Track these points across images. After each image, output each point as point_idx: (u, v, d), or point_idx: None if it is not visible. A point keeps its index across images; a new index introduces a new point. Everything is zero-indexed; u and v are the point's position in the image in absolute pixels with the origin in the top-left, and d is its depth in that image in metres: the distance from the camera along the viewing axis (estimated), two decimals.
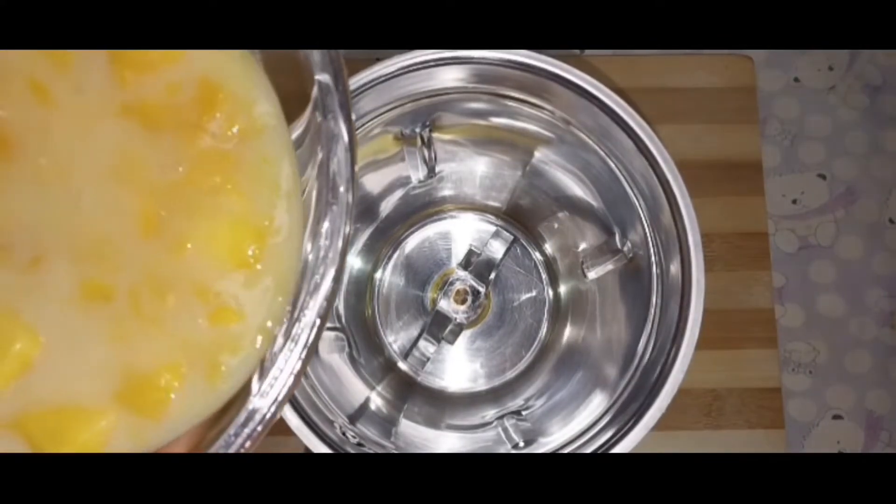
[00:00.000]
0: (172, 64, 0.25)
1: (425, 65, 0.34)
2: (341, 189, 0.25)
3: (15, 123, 0.25)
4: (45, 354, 0.24)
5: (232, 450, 0.25)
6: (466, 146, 0.42)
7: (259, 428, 0.25)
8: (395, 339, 0.45)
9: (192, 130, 0.25)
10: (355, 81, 0.34)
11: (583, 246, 0.43)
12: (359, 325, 0.44)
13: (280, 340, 0.25)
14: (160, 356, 0.24)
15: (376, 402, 0.42)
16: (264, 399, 0.25)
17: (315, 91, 0.25)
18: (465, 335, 0.44)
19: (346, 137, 0.25)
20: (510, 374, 0.45)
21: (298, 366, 0.25)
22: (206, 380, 0.24)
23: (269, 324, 0.25)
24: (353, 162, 0.25)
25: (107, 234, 0.24)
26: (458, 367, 0.45)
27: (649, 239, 0.36)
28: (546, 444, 0.37)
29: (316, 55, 0.25)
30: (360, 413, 0.39)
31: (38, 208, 0.24)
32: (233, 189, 0.25)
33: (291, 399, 0.30)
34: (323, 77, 0.26)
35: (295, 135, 0.26)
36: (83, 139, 0.25)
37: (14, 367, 0.24)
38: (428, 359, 0.43)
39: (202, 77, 0.25)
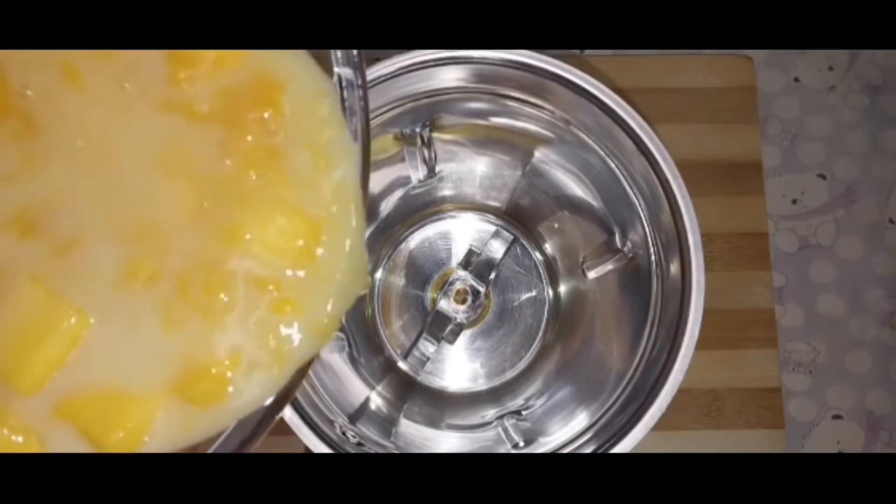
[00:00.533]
0: (226, 68, 0.25)
1: (425, 65, 0.34)
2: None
3: (41, 104, 0.24)
4: (95, 336, 0.24)
5: (233, 449, 0.25)
6: (466, 146, 0.42)
7: (260, 429, 0.25)
8: (395, 339, 0.45)
9: (242, 126, 0.24)
10: None
11: (583, 246, 0.43)
12: (359, 325, 0.44)
13: None
14: (221, 346, 0.24)
15: (376, 402, 0.41)
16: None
17: (334, 81, 0.26)
18: (465, 335, 0.44)
19: (361, 138, 0.25)
20: (510, 374, 0.45)
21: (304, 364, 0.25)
22: (266, 371, 0.24)
23: (329, 313, 0.25)
24: (367, 161, 0.25)
25: (154, 221, 0.24)
26: (458, 367, 0.45)
27: (649, 239, 0.36)
28: (546, 444, 0.37)
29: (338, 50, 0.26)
30: (360, 413, 0.39)
31: (76, 190, 0.24)
32: (283, 182, 0.24)
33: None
34: (344, 72, 0.26)
35: None
36: (124, 128, 0.25)
37: (65, 346, 0.23)
38: (428, 359, 0.43)
39: (262, 75, 0.25)
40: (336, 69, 0.26)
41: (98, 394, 0.24)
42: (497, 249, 0.43)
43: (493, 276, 0.43)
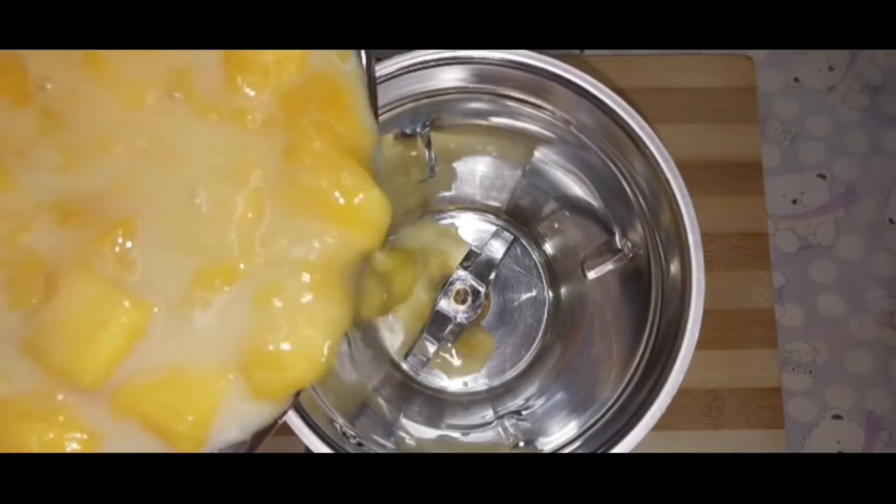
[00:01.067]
0: (285, 72, 0.25)
1: (425, 65, 0.34)
2: None
3: (66, 100, 0.24)
4: (159, 326, 0.24)
5: (242, 450, 0.25)
6: (466, 146, 0.42)
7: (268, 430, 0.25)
8: (395, 339, 0.45)
9: (308, 131, 0.25)
10: None
11: (583, 246, 0.43)
12: (359, 324, 0.44)
13: None
14: (303, 342, 0.24)
15: (376, 402, 0.41)
16: None
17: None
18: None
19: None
20: (510, 374, 0.45)
21: None
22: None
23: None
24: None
25: (224, 224, 0.24)
26: (458, 366, 0.45)
27: (649, 239, 0.36)
28: (546, 444, 0.37)
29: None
30: (360, 413, 0.39)
31: (138, 190, 0.24)
32: (363, 182, 0.25)
33: None
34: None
35: None
36: (181, 132, 0.25)
37: (127, 337, 0.23)
38: (428, 359, 0.43)
39: (327, 79, 0.25)
40: None
41: (165, 379, 0.24)
42: (497, 249, 0.42)
43: (493, 276, 0.43)
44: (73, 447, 0.23)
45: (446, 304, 0.42)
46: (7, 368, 0.24)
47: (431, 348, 0.43)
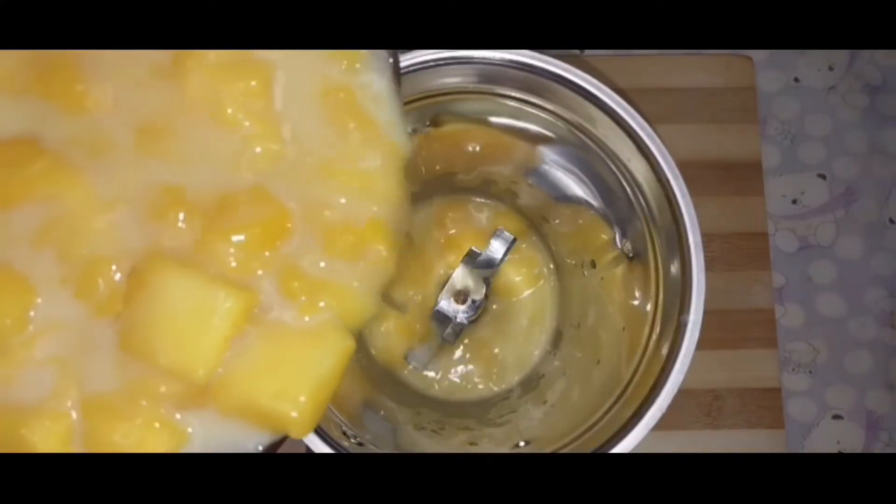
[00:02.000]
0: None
1: (425, 65, 0.34)
2: None
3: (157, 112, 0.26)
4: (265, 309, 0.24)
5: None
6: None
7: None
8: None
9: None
10: None
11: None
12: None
13: None
14: None
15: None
16: None
17: None
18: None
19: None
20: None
21: None
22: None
23: None
24: None
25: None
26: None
27: (649, 239, 0.36)
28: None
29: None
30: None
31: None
32: None
33: None
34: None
35: None
36: None
37: (234, 325, 0.24)
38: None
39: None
40: None
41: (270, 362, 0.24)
42: (497, 249, 0.42)
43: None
44: (155, 446, 0.24)
45: (446, 304, 0.42)
46: (95, 372, 0.24)
47: (432, 348, 0.43)
